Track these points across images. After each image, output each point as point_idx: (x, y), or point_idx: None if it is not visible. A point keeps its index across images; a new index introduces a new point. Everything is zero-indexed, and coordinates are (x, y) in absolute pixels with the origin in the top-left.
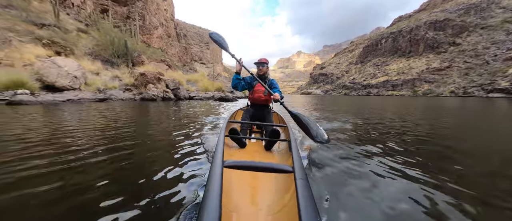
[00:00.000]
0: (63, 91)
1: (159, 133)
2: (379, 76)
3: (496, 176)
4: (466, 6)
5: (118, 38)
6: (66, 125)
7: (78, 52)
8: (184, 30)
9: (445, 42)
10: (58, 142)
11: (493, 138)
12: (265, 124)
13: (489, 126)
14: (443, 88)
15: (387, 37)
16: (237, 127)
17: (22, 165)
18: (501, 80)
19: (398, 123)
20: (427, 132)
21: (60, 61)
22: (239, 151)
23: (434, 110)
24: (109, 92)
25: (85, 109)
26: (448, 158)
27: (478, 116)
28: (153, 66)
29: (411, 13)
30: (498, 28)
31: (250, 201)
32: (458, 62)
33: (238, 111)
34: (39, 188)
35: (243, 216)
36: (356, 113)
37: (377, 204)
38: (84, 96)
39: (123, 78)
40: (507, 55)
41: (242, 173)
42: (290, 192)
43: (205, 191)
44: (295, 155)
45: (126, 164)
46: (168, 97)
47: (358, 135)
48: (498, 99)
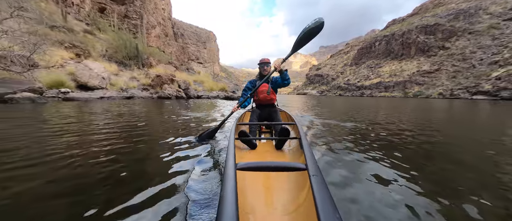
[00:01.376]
0: (94, 90)
1: (171, 133)
2: (373, 77)
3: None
4: (455, 11)
5: (130, 42)
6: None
7: (95, 54)
8: (181, 29)
9: (435, 46)
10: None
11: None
12: (274, 123)
13: (480, 128)
14: (432, 90)
15: (381, 40)
16: (246, 129)
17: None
18: (484, 83)
19: (398, 124)
20: (426, 131)
21: (90, 64)
22: (250, 153)
23: (432, 112)
24: (130, 91)
25: (126, 104)
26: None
27: (469, 117)
28: (162, 67)
29: (404, 17)
30: (484, 33)
31: (265, 201)
32: (447, 66)
33: (246, 113)
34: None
35: (259, 217)
36: (354, 113)
37: (386, 203)
38: (111, 95)
39: (140, 79)
40: (491, 59)
41: (255, 174)
42: (305, 189)
43: (221, 195)
44: (307, 152)
45: (136, 165)
46: (180, 96)
47: (358, 135)
48: (480, 101)
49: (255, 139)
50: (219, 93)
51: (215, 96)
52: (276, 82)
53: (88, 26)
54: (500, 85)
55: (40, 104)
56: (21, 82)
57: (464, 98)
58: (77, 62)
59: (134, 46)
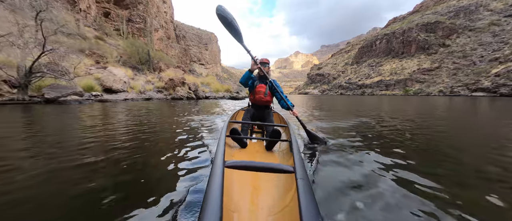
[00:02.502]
0: (117, 93)
1: (167, 132)
2: (373, 76)
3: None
4: (456, 8)
5: (142, 48)
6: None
7: (111, 60)
8: (183, 31)
9: (435, 43)
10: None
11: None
12: (266, 124)
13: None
14: (432, 88)
15: (381, 39)
16: (238, 127)
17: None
18: (484, 80)
19: (396, 122)
20: (426, 131)
21: (113, 70)
22: (240, 151)
23: (434, 110)
24: (148, 93)
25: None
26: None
27: (471, 114)
28: (172, 71)
29: (405, 15)
30: (485, 30)
31: (251, 201)
32: (447, 63)
33: (239, 111)
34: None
35: (244, 216)
36: (355, 113)
37: (376, 205)
38: (133, 97)
39: (154, 82)
40: (492, 56)
41: (243, 173)
42: (291, 192)
43: (206, 191)
44: (296, 155)
45: (130, 162)
46: (191, 97)
47: (356, 135)
48: (480, 97)
49: (246, 138)
50: (225, 94)
51: (221, 97)
52: (271, 86)
53: (96, 32)
54: (499, 81)
55: (84, 105)
56: (66, 87)
57: (464, 95)
58: (100, 68)
59: (146, 52)
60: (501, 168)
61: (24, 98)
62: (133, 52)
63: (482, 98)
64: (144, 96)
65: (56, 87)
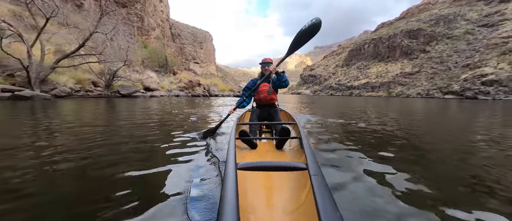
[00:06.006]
0: (153, 91)
1: (173, 132)
2: (361, 78)
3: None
4: (437, 17)
5: (160, 53)
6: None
7: (138, 63)
8: (178, 29)
9: (417, 49)
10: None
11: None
12: (274, 123)
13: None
14: (412, 90)
15: (370, 43)
16: (246, 129)
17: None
18: (454, 84)
19: (396, 122)
20: (425, 131)
21: (149, 72)
22: (251, 152)
23: (416, 110)
24: (174, 91)
25: (177, 100)
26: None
27: (447, 115)
28: (186, 73)
29: (392, 21)
30: (461, 38)
31: (266, 201)
32: (426, 68)
33: (246, 113)
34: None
35: (260, 217)
36: (349, 111)
37: (383, 203)
38: (164, 94)
39: (176, 83)
40: (464, 63)
41: (255, 174)
42: (306, 189)
43: (221, 195)
44: (307, 152)
45: (143, 162)
46: (205, 95)
47: (357, 134)
48: (450, 99)
49: (255, 139)
50: (229, 93)
51: (227, 95)
52: (275, 82)
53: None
54: (466, 86)
55: (145, 98)
56: (130, 87)
57: (437, 97)
58: (135, 72)
59: (163, 57)
60: (465, 162)
61: (107, 93)
62: (153, 56)
63: (452, 100)
64: (173, 93)
65: (125, 87)
